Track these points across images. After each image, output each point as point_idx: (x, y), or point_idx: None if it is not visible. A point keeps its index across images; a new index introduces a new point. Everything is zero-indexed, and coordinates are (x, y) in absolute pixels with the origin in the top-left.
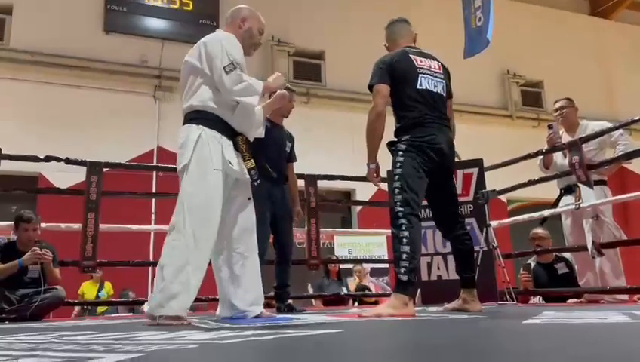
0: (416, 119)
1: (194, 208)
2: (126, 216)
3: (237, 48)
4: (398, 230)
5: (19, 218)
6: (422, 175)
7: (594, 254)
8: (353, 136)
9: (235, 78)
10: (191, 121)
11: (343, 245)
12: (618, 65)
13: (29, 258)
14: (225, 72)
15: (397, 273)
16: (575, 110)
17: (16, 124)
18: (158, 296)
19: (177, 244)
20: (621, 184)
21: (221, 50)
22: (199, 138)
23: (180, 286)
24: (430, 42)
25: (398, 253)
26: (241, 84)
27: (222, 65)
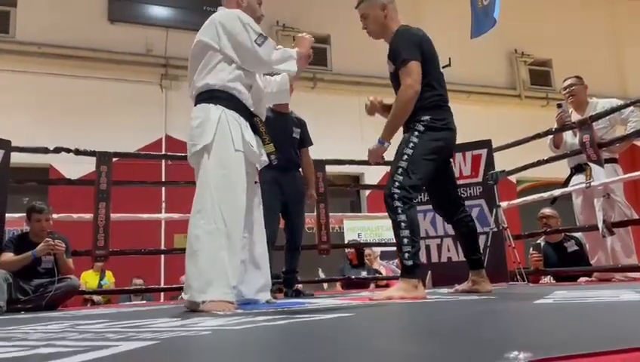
0: (438, 100)
1: (222, 190)
2: (136, 205)
3: (252, 20)
4: (394, 214)
5: (31, 209)
6: (432, 158)
7: (605, 233)
8: (361, 120)
9: (269, 49)
10: (208, 100)
11: (353, 229)
12: (628, 41)
13: (42, 249)
14: (258, 46)
15: (401, 259)
16: (584, 88)
17: (25, 116)
18: (195, 283)
19: (210, 228)
20: (632, 161)
21: (243, 26)
22: (220, 118)
23: (216, 272)
24: (437, 23)
25: (399, 238)
26: (277, 52)
27: (252, 39)
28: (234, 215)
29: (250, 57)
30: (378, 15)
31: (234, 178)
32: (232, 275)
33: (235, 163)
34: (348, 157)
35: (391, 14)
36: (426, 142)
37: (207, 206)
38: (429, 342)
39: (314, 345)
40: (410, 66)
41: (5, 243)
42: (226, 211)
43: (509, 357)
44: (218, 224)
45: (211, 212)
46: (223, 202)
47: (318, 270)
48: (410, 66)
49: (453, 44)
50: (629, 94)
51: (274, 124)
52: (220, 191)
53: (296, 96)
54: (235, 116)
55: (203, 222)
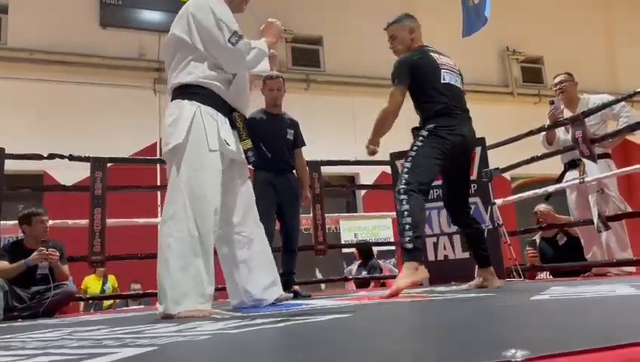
0: (441, 109)
1: (194, 193)
2: (132, 209)
3: (229, 14)
4: (400, 205)
5: (30, 213)
6: (436, 158)
7: (600, 228)
8: (355, 121)
9: (244, 49)
10: (182, 95)
11: (350, 229)
12: (619, 37)
13: (35, 258)
14: (232, 44)
15: (402, 244)
16: (575, 84)
17: (18, 123)
18: (169, 294)
19: (181, 236)
20: (625, 156)
21: (215, 22)
22: (194, 115)
23: (192, 281)
24: (429, 22)
25: (401, 225)
26: (251, 52)
27: (225, 37)
28: (207, 220)
29: (223, 56)
30: (406, 37)
31: (207, 180)
32: (208, 283)
33: (208, 164)
34: (342, 157)
35: (417, 37)
36: (429, 146)
37: (179, 211)
38: (427, 341)
39: (312, 347)
40: (393, 91)
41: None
42: (199, 216)
43: (507, 354)
44: (191, 231)
45: (184, 218)
46: (195, 207)
47: (315, 271)
48: (392, 91)
49: (445, 43)
50: (621, 90)
51: (267, 126)
52: (192, 195)
53: (289, 98)
54: (212, 112)
55: (175, 229)
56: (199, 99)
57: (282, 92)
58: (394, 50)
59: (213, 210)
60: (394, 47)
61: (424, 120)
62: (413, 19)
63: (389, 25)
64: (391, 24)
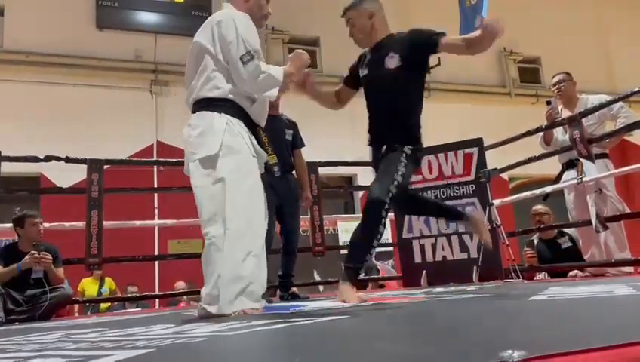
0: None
1: (242, 195)
2: (129, 211)
3: (252, 31)
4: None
5: (24, 215)
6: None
7: (598, 228)
8: (352, 122)
9: (254, 71)
10: (209, 108)
11: (348, 231)
12: (616, 37)
13: (26, 262)
14: (242, 63)
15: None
16: (573, 84)
17: (15, 125)
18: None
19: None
20: (623, 157)
21: (236, 36)
22: (227, 126)
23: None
24: (425, 22)
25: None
26: (261, 76)
27: (238, 54)
28: (258, 219)
29: (233, 73)
30: (365, 25)
31: (252, 182)
32: (262, 284)
33: (251, 166)
34: (340, 158)
35: (378, 24)
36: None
37: (228, 213)
38: (424, 342)
39: (309, 348)
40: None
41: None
42: (251, 216)
43: (504, 355)
44: (244, 230)
45: (235, 218)
46: (245, 207)
47: (314, 272)
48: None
49: None
50: (618, 89)
51: (266, 126)
52: (241, 197)
53: (287, 98)
54: (242, 124)
55: (225, 230)
56: (228, 112)
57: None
58: (355, 40)
59: (261, 210)
60: (354, 36)
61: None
62: (373, 2)
63: (345, 10)
64: (347, 9)
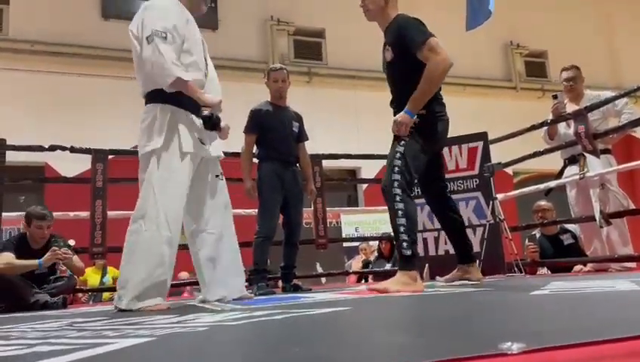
0: (436, 93)
1: (166, 194)
2: (133, 201)
3: (170, 15)
4: (393, 202)
5: (32, 215)
6: (425, 150)
7: (602, 223)
8: (357, 114)
9: (150, 51)
10: (155, 99)
11: (350, 223)
12: (622, 32)
13: (49, 259)
14: (146, 42)
15: (399, 248)
16: (582, 80)
17: (20, 114)
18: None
19: (153, 235)
20: (627, 152)
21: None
22: (169, 119)
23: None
24: (432, 15)
25: (396, 226)
26: (155, 57)
27: (144, 35)
28: (176, 220)
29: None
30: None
31: (178, 182)
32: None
33: (180, 168)
34: (344, 151)
35: (391, 2)
36: (418, 139)
37: (150, 211)
38: (424, 334)
39: (310, 339)
40: (433, 42)
41: (4, 243)
42: (170, 216)
43: (503, 347)
44: (162, 230)
45: (155, 218)
46: (166, 207)
47: (316, 264)
48: (432, 42)
49: (449, 37)
50: (624, 84)
51: (273, 117)
52: (164, 196)
53: (291, 91)
54: (184, 114)
55: (145, 228)
56: (172, 102)
57: (287, 84)
58: (364, 9)
59: (181, 208)
60: (365, 6)
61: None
62: None
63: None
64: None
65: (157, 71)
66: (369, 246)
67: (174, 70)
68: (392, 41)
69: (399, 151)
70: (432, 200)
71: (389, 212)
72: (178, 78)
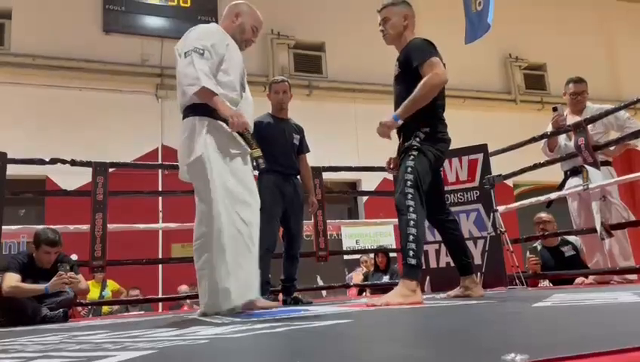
0: (439, 112)
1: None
2: (133, 215)
3: (210, 36)
4: (405, 212)
5: (42, 239)
6: (432, 170)
7: (603, 236)
8: (357, 127)
9: (185, 62)
10: (194, 113)
11: (351, 236)
12: (621, 44)
13: (55, 284)
14: (183, 57)
15: (405, 256)
16: (587, 93)
17: (21, 127)
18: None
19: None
20: (628, 165)
21: (191, 39)
22: (208, 128)
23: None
24: (432, 28)
25: (405, 235)
26: (187, 69)
27: (183, 51)
28: (251, 216)
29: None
30: (399, 23)
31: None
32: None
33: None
34: (344, 163)
35: (410, 26)
36: (426, 151)
37: (222, 213)
38: (426, 346)
39: (311, 352)
40: (435, 61)
41: (10, 260)
42: (243, 214)
43: (506, 359)
44: (239, 227)
45: (228, 218)
46: (236, 206)
47: (317, 277)
48: (434, 61)
49: (448, 50)
50: (623, 97)
51: (274, 129)
52: (231, 197)
53: (292, 104)
54: (224, 125)
55: (223, 229)
56: (208, 115)
57: (288, 95)
58: (384, 34)
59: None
60: (385, 30)
61: (418, 120)
62: (409, 7)
63: (383, 7)
64: (386, 6)
65: (186, 80)
66: (370, 258)
67: (203, 80)
68: (401, 58)
69: (410, 165)
70: (430, 216)
71: (399, 222)
72: (204, 88)
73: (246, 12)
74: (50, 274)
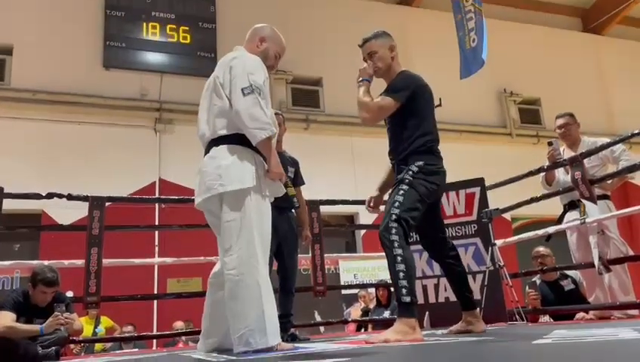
0: (431, 146)
1: (262, 237)
2: (129, 249)
3: (261, 70)
4: (391, 248)
5: (39, 279)
6: (423, 201)
7: (601, 270)
8: (354, 160)
9: (252, 102)
10: (235, 141)
11: (349, 270)
12: (614, 80)
13: (51, 325)
14: (243, 94)
15: (398, 295)
16: (577, 126)
17: (19, 162)
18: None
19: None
20: (625, 199)
21: (242, 70)
22: (254, 161)
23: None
24: (427, 63)
25: (395, 272)
26: (255, 110)
27: (240, 85)
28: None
29: (233, 102)
30: (386, 55)
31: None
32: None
33: (266, 207)
34: (341, 197)
35: (396, 56)
36: (418, 185)
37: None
38: None
39: None
40: (388, 101)
41: (5, 298)
42: (264, 258)
43: None
44: (265, 270)
45: (262, 258)
46: (264, 249)
47: (315, 313)
48: (387, 101)
49: (444, 85)
50: (617, 131)
51: None
52: (261, 238)
53: (289, 137)
54: (263, 161)
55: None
56: (250, 146)
57: (283, 128)
58: (374, 69)
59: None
60: (374, 65)
61: (411, 154)
62: (391, 37)
63: (365, 40)
64: (368, 39)
65: (254, 123)
66: (368, 293)
67: (272, 128)
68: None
69: (398, 200)
70: (430, 250)
71: (387, 258)
72: (269, 138)
73: (270, 37)
74: (46, 312)
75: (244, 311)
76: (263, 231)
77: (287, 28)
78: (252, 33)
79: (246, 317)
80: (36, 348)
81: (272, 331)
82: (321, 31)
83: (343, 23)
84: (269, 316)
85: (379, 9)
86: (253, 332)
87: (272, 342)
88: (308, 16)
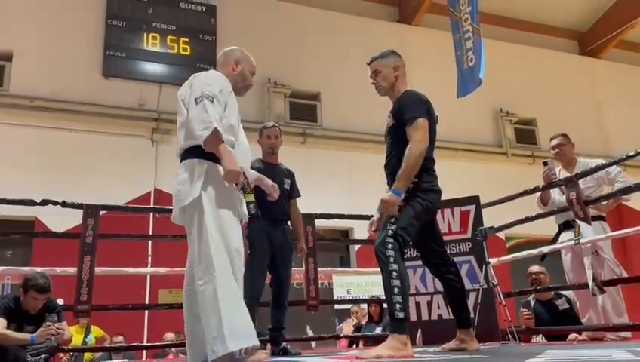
0: (427, 164)
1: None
2: (122, 258)
3: (217, 83)
4: (387, 263)
5: (31, 286)
6: (419, 218)
7: (595, 291)
8: (350, 175)
9: (200, 109)
10: (193, 155)
11: (342, 285)
12: (609, 102)
13: (42, 335)
14: (195, 103)
15: (391, 310)
16: (572, 146)
17: (16, 168)
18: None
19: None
20: (619, 221)
21: (199, 86)
22: (206, 171)
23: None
24: (424, 82)
25: (390, 288)
26: (202, 114)
27: (193, 97)
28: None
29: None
30: (390, 74)
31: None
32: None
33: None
34: (337, 211)
35: (401, 76)
36: (414, 202)
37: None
38: None
39: None
40: (420, 123)
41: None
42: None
43: None
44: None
45: (225, 266)
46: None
47: (307, 327)
48: (419, 122)
49: (441, 103)
50: (612, 153)
51: (266, 174)
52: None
53: (286, 151)
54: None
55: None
56: (208, 157)
57: (279, 140)
58: (376, 87)
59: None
60: (377, 83)
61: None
62: (398, 57)
63: (372, 59)
64: (375, 59)
65: (199, 126)
66: (360, 309)
67: (215, 123)
68: (393, 111)
69: (394, 216)
70: (430, 265)
71: (382, 273)
72: (215, 130)
73: (243, 58)
74: (36, 318)
75: (208, 320)
76: (227, 239)
77: (287, 43)
78: (224, 58)
79: (209, 326)
80: (25, 355)
81: (232, 335)
82: (320, 46)
83: (342, 39)
84: (228, 319)
85: (378, 26)
86: (215, 339)
87: (232, 347)
88: (307, 31)
